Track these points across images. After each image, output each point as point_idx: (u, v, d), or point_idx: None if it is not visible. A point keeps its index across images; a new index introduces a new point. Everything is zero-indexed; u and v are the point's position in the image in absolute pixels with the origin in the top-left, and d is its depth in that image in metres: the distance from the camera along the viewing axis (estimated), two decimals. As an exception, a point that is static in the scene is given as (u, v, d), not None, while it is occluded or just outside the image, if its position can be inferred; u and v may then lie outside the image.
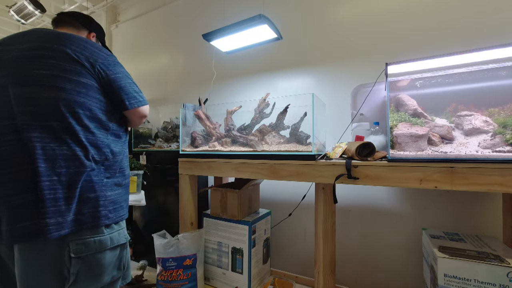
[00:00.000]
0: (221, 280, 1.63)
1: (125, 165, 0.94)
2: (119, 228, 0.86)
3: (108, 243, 0.80)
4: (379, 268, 1.54)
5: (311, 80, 1.80)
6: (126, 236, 0.89)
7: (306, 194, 1.68)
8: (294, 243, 1.82)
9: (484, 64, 1.08)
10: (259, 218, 1.63)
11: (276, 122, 1.47)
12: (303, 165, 1.20)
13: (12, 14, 2.50)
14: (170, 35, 2.59)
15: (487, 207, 1.30)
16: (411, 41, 1.49)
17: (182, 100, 2.44)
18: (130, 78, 0.92)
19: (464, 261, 0.97)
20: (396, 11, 1.54)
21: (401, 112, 1.17)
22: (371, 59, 1.59)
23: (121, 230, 0.87)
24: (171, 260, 1.47)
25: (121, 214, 0.87)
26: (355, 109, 1.41)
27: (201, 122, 1.66)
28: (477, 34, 1.34)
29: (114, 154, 0.87)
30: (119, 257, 0.85)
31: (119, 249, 0.84)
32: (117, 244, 0.83)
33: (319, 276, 1.22)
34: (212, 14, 2.28)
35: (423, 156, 0.97)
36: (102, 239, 0.79)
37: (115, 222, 0.84)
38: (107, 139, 0.85)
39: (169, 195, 1.93)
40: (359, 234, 1.61)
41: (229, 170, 1.42)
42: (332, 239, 1.25)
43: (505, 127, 0.98)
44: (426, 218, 1.43)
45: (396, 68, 1.13)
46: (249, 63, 2.06)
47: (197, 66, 2.39)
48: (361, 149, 1.12)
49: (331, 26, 1.73)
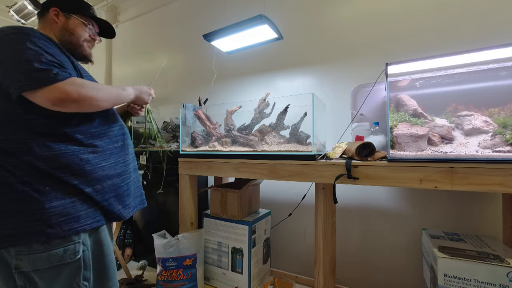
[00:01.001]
0: (221, 280, 1.63)
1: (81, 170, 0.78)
2: (65, 243, 0.74)
3: (45, 261, 0.72)
4: (379, 268, 1.54)
5: (311, 80, 1.80)
6: (78, 252, 0.76)
7: (306, 194, 1.68)
8: (294, 243, 1.82)
9: (484, 64, 1.08)
10: (259, 218, 1.63)
11: (276, 122, 1.47)
12: (303, 165, 1.20)
13: (12, 14, 2.50)
14: (170, 35, 2.59)
15: (487, 207, 1.30)
16: (411, 41, 1.49)
17: (182, 100, 2.44)
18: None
19: (464, 261, 0.97)
20: (396, 11, 1.54)
21: (401, 112, 1.17)
22: (371, 59, 1.59)
23: (70, 245, 0.75)
24: (171, 260, 1.47)
25: (73, 227, 0.75)
26: (355, 109, 1.41)
27: (201, 122, 1.66)
28: (477, 34, 1.34)
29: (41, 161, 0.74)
30: (70, 278, 0.75)
31: (67, 268, 0.75)
32: (60, 263, 0.73)
33: (319, 276, 1.22)
34: (212, 14, 2.28)
35: (423, 156, 0.97)
36: (36, 257, 0.71)
37: (60, 237, 0.73)
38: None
39: (169, 195, 1.93)
40: (359, 234, 1.61)
41: (229, 170, 1.42)
42: (332, 239, 1.25)
43: (505, 127, 0.98)
44: (426, 218, 1.43)
45: (396, 68, 1.13)
46: (250, 63, 2.06)
47: (197, 66, 2.39)
48: (361, 149, 1.12)
49: (331, 26, 1.73)
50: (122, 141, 0.94)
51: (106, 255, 0.86)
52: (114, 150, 0.89)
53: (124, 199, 0.90)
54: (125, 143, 0.95)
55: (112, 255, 0.90)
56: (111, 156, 0.88)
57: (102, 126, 0.87)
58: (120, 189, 0.89)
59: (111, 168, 0.86)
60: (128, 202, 0.92)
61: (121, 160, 0.92)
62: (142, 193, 1.04)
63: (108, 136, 0.88)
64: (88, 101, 0.76)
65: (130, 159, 0.98)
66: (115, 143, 0.90)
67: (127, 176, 0.94)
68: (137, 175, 1.04)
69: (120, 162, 0.91)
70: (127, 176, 0.94)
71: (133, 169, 0.99)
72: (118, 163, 0.90)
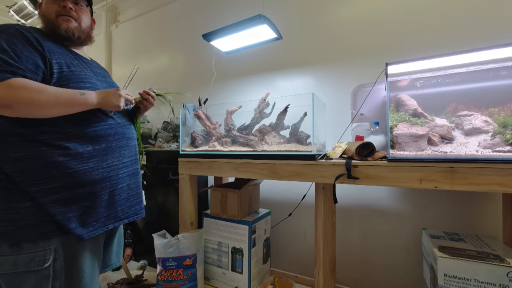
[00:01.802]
0: (221, 280, 1.63)
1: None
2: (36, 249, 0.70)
3: (11, 266, 0.68)
4: (379, 268, 1.54)
5: (311, 80, 1.80)
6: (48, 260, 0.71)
7: (306, 194, 1.68)
8: (294, 243, 1.82)
9: (484, 64, 1.08)
10: (259, 218, 1.63)
11: (276, 122, 1.47)
12: (303, 165, 1.20)
13: (12, 14, 2.50)
14: (170, 35, 2.59)
15: (487, 207, 1.30)
16: (411, 41, 1.49)
17: (182, 100, 2.44)
18: None
19: (464, 261, 0.97)
20: (396, 11, 1.54)
21: (401, 112, 1.17)
22: (371, 59, 1.59)
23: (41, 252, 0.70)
24: (171, 260, 1.47)
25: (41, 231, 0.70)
26: (355, 109, 1.41)
27: (201, 122, 1.66)
28: (477, 34, 1.34)
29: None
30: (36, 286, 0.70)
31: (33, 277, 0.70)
32: (26, 270, 0.69)
33: (319, 276, 1.22)
34: (212, 14, 2.28)
35: (423, 156, 0.97)
36: (3, 259, 0.68)
37: (28, 240, 0.69)
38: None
39: (169, 195, 1.93)
40: (359, 234, 1.61)
41: (229, 170, 1.42)
42: (332, 239, 1.25)
43: (505, 127, 0.98)
44: (426, 218, 1.43)
45: (396, 68, 1.13)
46: (249, 63, 2.06)
47: (197, 66, 2.39)
48: (361, 149, 1.12)
49: (331, 26, 1.73)
50: (109, 143, 0.84)
51: (79, 269, 0.77)
52: (93, 152, 0.79)
53: (99, 210, 0.80)
54: (112, 145, 0.85)
55: (91, 272, 0.81)
56: (89, 160, 0.78)
57: (78, 126, 0.78)
58: (96, 199, 0.79)
59: (85, 173, 0.77)
60: (106, 213, 0.82)
61: (103, 164, 0.81)
62: (140, 201, 0.94)
63: (87, 138, 0.79)
64: (24, 107, 0.68)
65: (121, 164, 0.87)
66: (96, 145, 0.80)
67: (111, 183, 0.83)
68: (135, 181, 0.94)
69: (102, 167, 0.80)
70: (111, 183, 0.83)
71: (127, 175, 0.89)
72: (98, 168, 0.80)
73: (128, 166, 0.91)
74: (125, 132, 0.92)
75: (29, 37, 0.75)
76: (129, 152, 0.92)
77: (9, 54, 0.69)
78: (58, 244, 0.74)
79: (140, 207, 0.95)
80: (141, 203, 0.96)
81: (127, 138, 0.92)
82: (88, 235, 0.77)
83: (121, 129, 0.90)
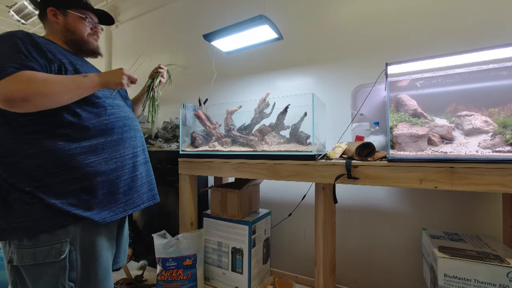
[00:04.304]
0: (221, 280, 1.63)
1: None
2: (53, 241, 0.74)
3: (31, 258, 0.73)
4: (379, 268, 1.54)
5: (311, 80, 1.80)
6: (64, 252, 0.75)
7: (306, 194, 1.68)
8: (294, 243, 1.82)
9: (484, 64, 1.08)
10: (259, 218, 1.63)
11: (276, 122, 1.47)
12: (303, 165, 1.20)
13: (12, 14, 2.50)
14: (170, 35, 2.59)
15: (487, 207, 1.30)
16: (411, 41, 1.49)
17: (182, 100, 2.44)
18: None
19: (464, 261, 0.97)
20: (396, 11, 1.54)
21: (401, 112, 1.17)
22: (371, 59, 1.59)
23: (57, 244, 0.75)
24: (171, 260, 1.47)
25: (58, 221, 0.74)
26: (355, 109, 1.41)
27: (201, 122, 1.66)
28: (477, 34, 1.34)
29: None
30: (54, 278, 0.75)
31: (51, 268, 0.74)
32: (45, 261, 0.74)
33: (319, 276, 1.22)
34: (212, 14, 2.28)
35: (423, 156, 0.97)
36: (24, 252, 0.73)
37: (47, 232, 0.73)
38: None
39: (169, 195, 1.93)
40: (359, 234, 1.61)
41: (229, 170, 1.42)
42: (332, 239, 1.25)
43: (505, 127, 0.98)
44: (426, 218, 1.43)
45: (396, 68, 1.13)
46: (250, 63, 2.06)
47: (197, 66, 2.39)
48: (361, 149, 1.12)
49: (331, 26, 1.73)
50: (119, 134, 0.89)
51: (95, 260, 0.82)
52: (106, 144, 0.84)
53: (117, 196, 0.85)
54: (123, 136, 0.90)
55: (106, 263, 0.85)
56: (103, 151, 0.83)
57: (91, 120, 0.82)
58: (114, 186, 0.85)
59: (101, 164, 0.82)
60: (124, 199, 0.88)
61: (117, 154, 0.86)
62: (152, 187, 1.00)
63: (99, 130, 0.84)
64: (38, 96, 0.70)
65: (132, 153, 0.92)
66: (108, 137, 0.85)
67: (125, 171, 0.88)
68: (147, 169, 1.00)
69: (115, 157, 0.86)
70: (125, 171, 0.88)
71: (140, 163, 0.95)
72: (112, 158, 0.85)
73: (139, 155, 0.97)
74: (131, 124, 0.97)
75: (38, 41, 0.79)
76: (139, 143, 0.98)
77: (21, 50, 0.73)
78: (76, 234, 0.78)
79: (155, 192, 1.02)
80: (155, 189, 1.02)
81: (134, 129, 0.97)
82: (110, 219, 0.82)
83: (128, 121, 0.95)
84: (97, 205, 0.80)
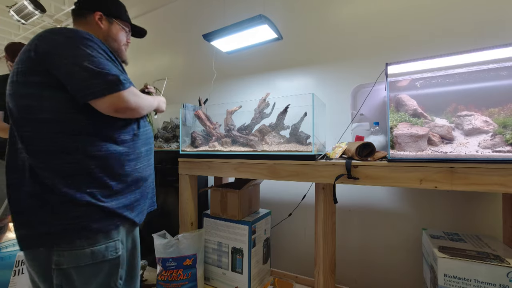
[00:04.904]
0: (221, 280, 1.63)
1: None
2: (107, 240, 0.77)
3: (88, 258, 0.74)
4: (379, 268, 1.54)
5: (311, 80, 1.80)
6: (118, 249, 0.79)
7: (306, 194, 1.68)
8: (294, 243, 1.82)
9: (484, 64, 1.08)
10: (259, 218, 1.63)
11: (276, 122, 1.47)
12: (303, 165, 1.20)
13: (12, 14, 2.50)
14: (170, 35, 2.59)
15: (487, 207, 1.30)
16: (411, 41, 1.49)
17: (182, 100, 2.44)
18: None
19: (464, 261, 0.97)
20: (395, 11, 1.54)
21: (401, 112, 1.17)
22: (371, 59, 1.59)
23: (111, 243, 0.78)
24: (171, 260, 1.47)
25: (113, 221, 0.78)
26: (355, 109, 1.41)
27: (201, 122, 1.66)
28: (477, 34, 1.34)
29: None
30: (108, 276, 0.77)
31: (107, 266, 0.77)
32: (103, 260, 0.76)
33: (319, 276, 1.22)
34: (212, 14, 2.28)
35: (423, 156, 0.97)
36: (80, 253, 0.73)
37: (103, 232, 0.76)
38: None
39: (169, 195, 1.93)
40: (359, 234, 1.61)
41: (229, 170, 1.42)
42: (332, 239, 1.25)
43: (505, 127, 0.98)
44: (426, 218, 1.43)
45: (396, 68, 1.13)
46: (249, 63, 2.06)
47: (197, 66, 2.39)
48: (361, 149, 1.12)
49: (331, 26, 1.73)
50: (150, 144, 0.98)
51: (137, 255, 0.94)
52: (145, 153, 0.92)
53: (145, 201, 0.93)
54: (152, 146, 1.00)
55: (139, 257, 0.97)
56: (144, 158, 0.91)
57: (139, 129, 0.90)
58: (146, 190, 0.93)
59: (143, 170, 0.90)
60: (147, 204, 0.96)
61: (150, 163, 0.96)
62: (154, 194, 1.05)
63: (143, 140, 0.91)
64: (138, 110, 0.82)
65: (152, 162, 1.01)
66: (146, 146, 0.93)
67: (152, 178, 0.99)
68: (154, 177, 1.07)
69: (150, 165, 0.96)
70: (152, 178, 0.99)
71: (153, 171, 1.03)
72: (148, 165, 0.94)
73: (153, 164, 1.04)
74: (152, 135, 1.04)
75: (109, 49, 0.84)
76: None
77: (118, 66, 0.83)
78: (123, 234, 0.83)
79: (154, 200, 1.07)
80: (154, 197, 1.08)
81: (152, 140, 1.04)
82: (141, 221, 0.92)
83: (151, 133, 1.03)
84: (136, 208, 0.87)
